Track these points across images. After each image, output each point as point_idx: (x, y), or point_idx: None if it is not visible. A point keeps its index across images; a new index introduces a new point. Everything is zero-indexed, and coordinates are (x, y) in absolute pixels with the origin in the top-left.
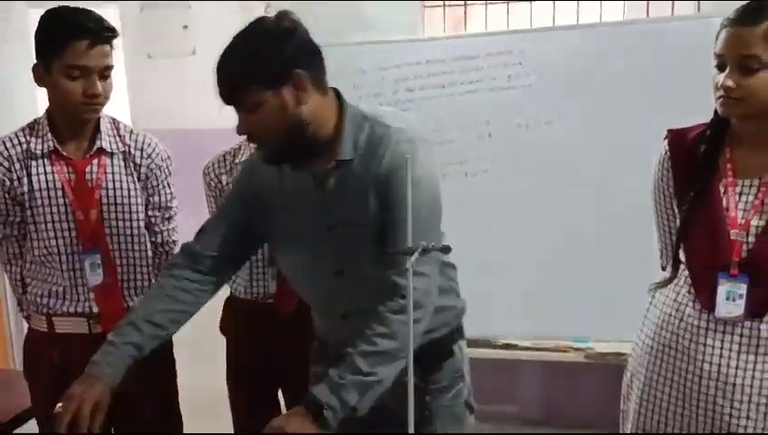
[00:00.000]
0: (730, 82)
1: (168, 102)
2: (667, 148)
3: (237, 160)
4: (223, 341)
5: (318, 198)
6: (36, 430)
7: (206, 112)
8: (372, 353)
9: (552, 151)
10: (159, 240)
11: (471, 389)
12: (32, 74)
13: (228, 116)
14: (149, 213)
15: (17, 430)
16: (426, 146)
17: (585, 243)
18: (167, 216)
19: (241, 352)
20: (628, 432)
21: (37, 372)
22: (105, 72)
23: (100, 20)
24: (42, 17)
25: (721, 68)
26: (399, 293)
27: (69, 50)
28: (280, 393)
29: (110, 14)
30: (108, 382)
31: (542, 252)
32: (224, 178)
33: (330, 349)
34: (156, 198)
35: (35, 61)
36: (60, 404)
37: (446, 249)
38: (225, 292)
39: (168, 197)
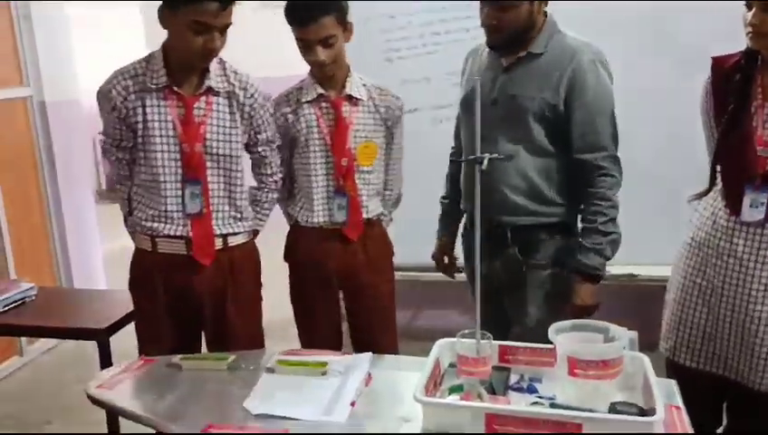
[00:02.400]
0: (755, 20)
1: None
2: (710, 73)
3: (303, 99)
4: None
5: (501, 79)
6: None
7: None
8: (608, 220)
9: None
10: (269, 171)
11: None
12: (156, 13)
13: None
14: (260, 148)
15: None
16: (605, 64)
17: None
18: (274, 148)
19: (305, 275)
20: (668, 315)
21: (141, 287)
22: (225, 29)
23: None
24: None
25: (749, 7)
26: (604, 173)
27: (200, 7)
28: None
29: None
30: None
31: None
32: (290, 117)
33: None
34: (263, 135)
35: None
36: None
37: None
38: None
39: (273, 131)
